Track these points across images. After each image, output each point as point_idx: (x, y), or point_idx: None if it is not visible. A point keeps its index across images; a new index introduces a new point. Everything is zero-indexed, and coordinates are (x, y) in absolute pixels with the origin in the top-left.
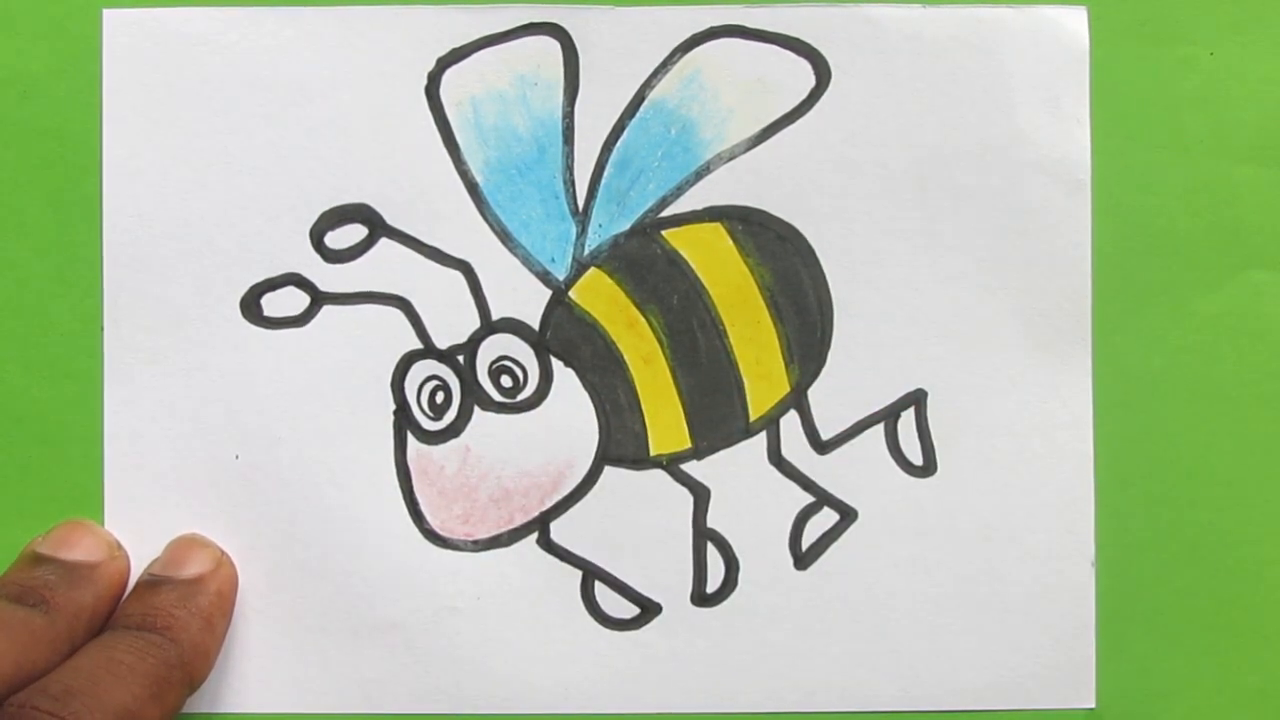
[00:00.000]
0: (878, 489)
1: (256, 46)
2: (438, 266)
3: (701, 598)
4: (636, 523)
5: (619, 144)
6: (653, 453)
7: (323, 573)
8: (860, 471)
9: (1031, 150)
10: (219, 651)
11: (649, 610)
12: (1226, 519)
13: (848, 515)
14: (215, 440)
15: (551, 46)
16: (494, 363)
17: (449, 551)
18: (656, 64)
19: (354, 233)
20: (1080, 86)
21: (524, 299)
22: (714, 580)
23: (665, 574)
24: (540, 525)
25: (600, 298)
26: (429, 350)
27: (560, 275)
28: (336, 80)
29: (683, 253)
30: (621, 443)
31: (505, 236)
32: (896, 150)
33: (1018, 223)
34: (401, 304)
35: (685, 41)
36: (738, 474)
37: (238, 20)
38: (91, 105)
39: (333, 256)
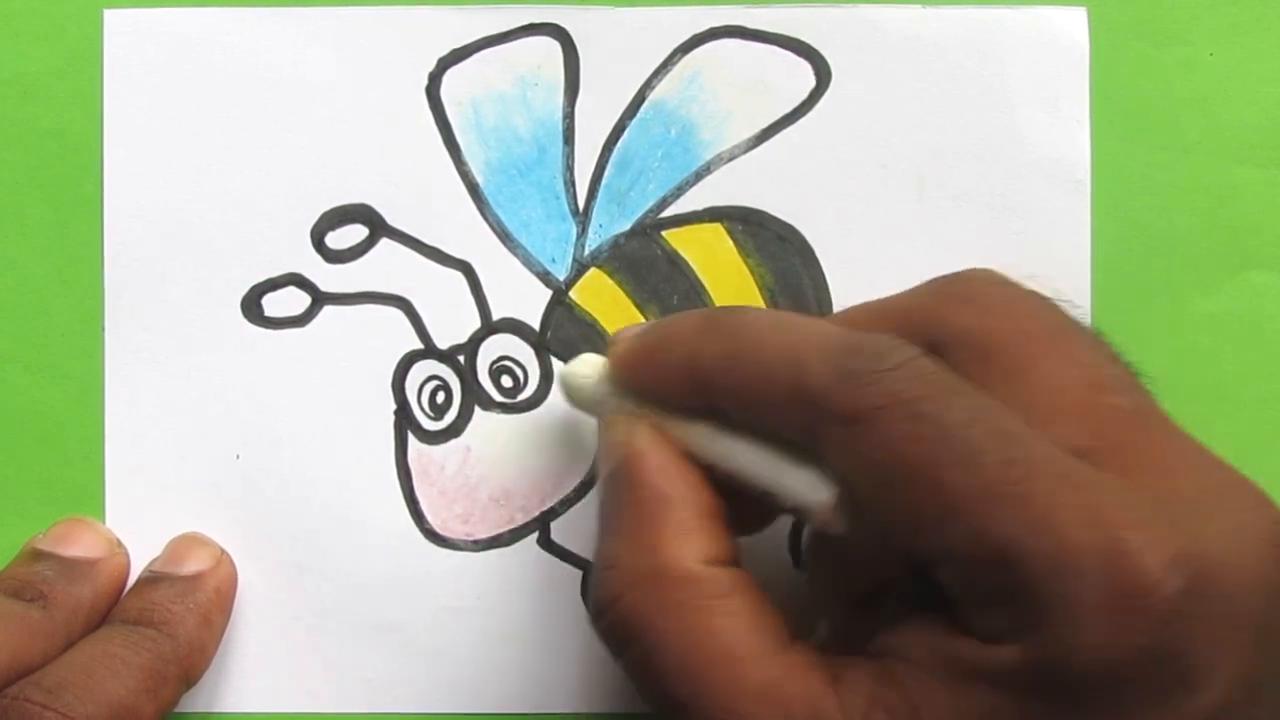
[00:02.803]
0: None
1: (257, 46)
2: (438, 267)
3: None
4: None
5: (619, 144)
6: None
7: (323, 573)
8: None
9: (1031, 151)
10: (216, 649)
11: None
12: None
13: None
14: (215, 440)
15: (552, 47)
16: (494, 363)
17: (449, 551)
18: (657, 64)
19: (354, 233)
20: (1079, 87)
21: (524, 299)
22: None
23: None
24: (540, 525)
25: (600, 298)
26: (429, 350)
27: (560, 275)
28: (337, 80)
29: (683, 253)
30: None
31: (505, 237)
32: (896, 150)
33: (1017, 223)
34: (402, 304)
35: (685, 42)
36: None
37: (238, 20)
38: (92, 105)
39: (333, 257)
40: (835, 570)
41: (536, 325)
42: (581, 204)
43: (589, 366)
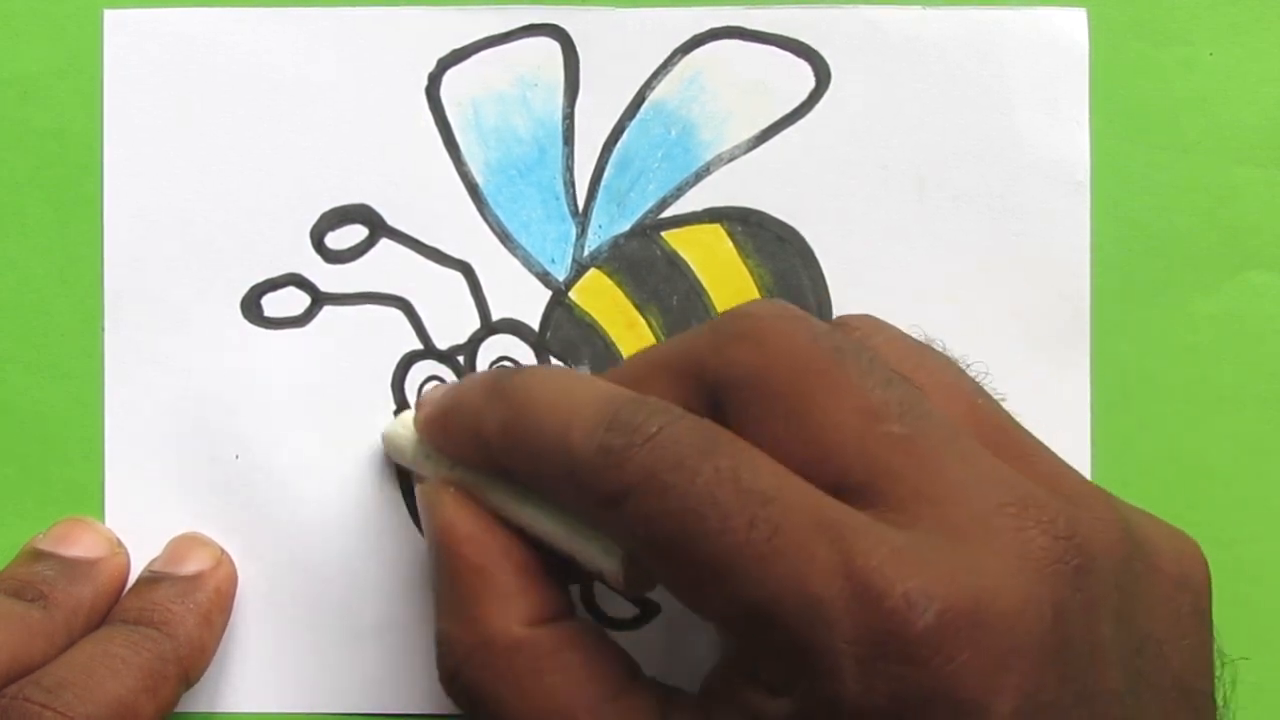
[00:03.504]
0: None
1: (257, 46)
2: (438, 267)
3: None
4: None
5: (619, 145)
6: None
7: (323, 573)
8: None
9: (1030, 151)
10: (216, 648)
11: (649, 610)
12: (1226, 519)
13: None
14: (215, 440)
15: (552, 48)
16: (494, 363)
17: None
18: (657, 65)
19: (354, 233)
20: (1079, 88)
21: (524, 300)
22: None
23: None
24: None
25: (600, 298)
26: (429, 351)
27: (560, 276)
28: (337, 80)
29: (682, 254)
30: None
31: (505, 237)
32: (896, 151)
33: (1016, 223)
34: (402, 304)
35: (686, 43)
36: None
37: (238, 20)
38: (92, 105)
39: (333, 257)
40: None
41: (536, 326)
42: (581, 204)
43: (407, 427)
